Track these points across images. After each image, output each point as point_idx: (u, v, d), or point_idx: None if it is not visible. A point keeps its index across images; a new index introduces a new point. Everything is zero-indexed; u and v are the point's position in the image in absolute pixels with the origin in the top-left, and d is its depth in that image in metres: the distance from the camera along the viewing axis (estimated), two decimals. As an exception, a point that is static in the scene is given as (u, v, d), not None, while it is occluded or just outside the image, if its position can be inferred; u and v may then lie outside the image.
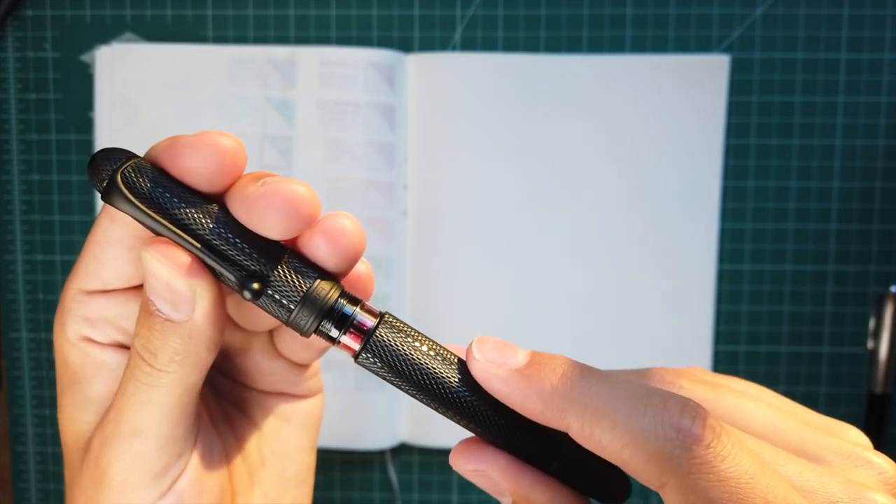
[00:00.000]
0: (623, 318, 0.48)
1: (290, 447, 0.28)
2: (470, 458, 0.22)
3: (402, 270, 0.48)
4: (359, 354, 0.22)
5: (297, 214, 0.21)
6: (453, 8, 0.47)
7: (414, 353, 0.21)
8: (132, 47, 0.48)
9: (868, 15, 0.46)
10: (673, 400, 0.19)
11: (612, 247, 0.48)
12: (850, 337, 0.48)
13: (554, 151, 0.47)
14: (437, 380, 0.21)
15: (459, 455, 0.22)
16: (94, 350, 0.23)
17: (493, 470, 0.21)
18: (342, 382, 0.48)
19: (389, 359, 0.21)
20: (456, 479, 0.50)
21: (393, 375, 0.21)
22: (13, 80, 0.49)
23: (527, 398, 0.20)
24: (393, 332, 0.21)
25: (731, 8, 0.47)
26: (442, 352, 0.22)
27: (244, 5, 0.48)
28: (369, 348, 0.21)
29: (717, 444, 0.18)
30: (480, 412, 0.21)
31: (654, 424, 0.18)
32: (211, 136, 0.22)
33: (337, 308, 0.21)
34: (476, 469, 0.22)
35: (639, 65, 0.47)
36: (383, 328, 0.21)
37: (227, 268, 0.21)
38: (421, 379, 0.21)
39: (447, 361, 0.21)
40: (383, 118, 0.47)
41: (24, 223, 0.49)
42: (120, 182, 0.20)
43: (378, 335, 0.21)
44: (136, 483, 0.23)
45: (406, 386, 0.22)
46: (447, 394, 0.21)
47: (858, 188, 0.47)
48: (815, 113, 0.47)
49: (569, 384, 0.20)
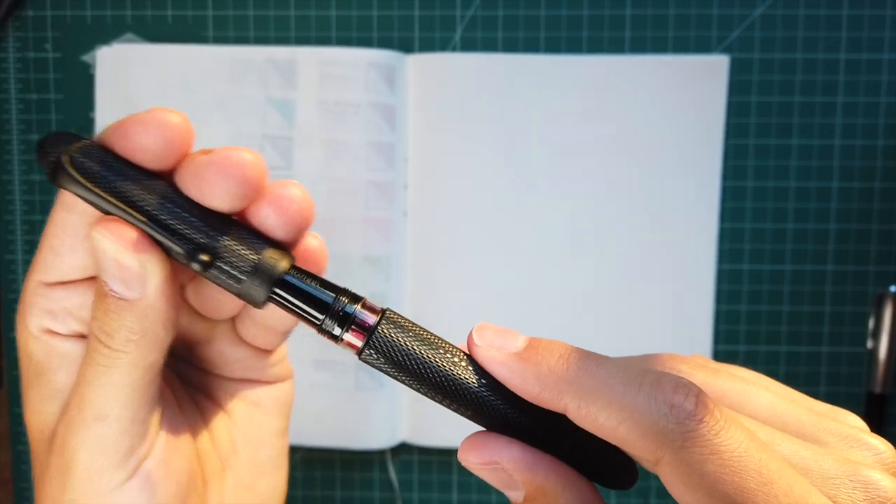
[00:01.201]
0: (623, 317, 0.48)
1: (261, 432, 0.28)
2: (483, 450, 0.21)
3: (401, 270, 0.48)
4: (362, 351, 0.22)
5: (244, 180, 0.22)
6: (453, 8, 0.47)
7: (416, 348, 0.21)
8: (133, 48, 0.48)
9: (867, 15, 0.46)
10: (667, 378, 0.19)
11: (612, 246, 0.48)
12: (849, 336, 0.48)
13: (554, 152, 0.47)
14: (442, 373, 0.21)
15: (470, 448, 0.21)
16: (56, 342, 0.23)
17: (508, 461, 0.21)
18: (342, 382, 0.48)
19: (392, 354, 0.21)
20: (456, 478, 0.50)
21: (397, 371, 0.22)
22: (14, 81, 0.49)
23: (525, 380, 0.20)
24: (395, 328, 0.22)
25: (731, 8, 0.47)
26: (444, 345, 0.22)
27: (244, 6, 0.48)
28: (372, 345, 0.21)
29: (710, 418, 0.19)
30: (487, 401, 0.21)
31: (648, 401, 0.19)
32: (159, 112, 0.23)
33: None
34: (489, 462, 0.21)
35: (638, 65, 0.47)
36: (385, 324, 0.22)
37: (175, 241, 0.21)
38: (425, 373, 0.21)
39: (450, 354, 0.22)
40: (383, 118, 0.47)
41: (25, 223, 0.49)
42: (67, 163, 0.21)
43: (380, 331, 0.21)
44: (102, 467, 0.23)
45: (410, 380, 0.22)
46: (452, 386, 0.21)
47: (857, 188, 0.48)
48: (814, 113, 0.47)
49: (565, 365, 0.20)
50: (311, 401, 0.48)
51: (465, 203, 0.48)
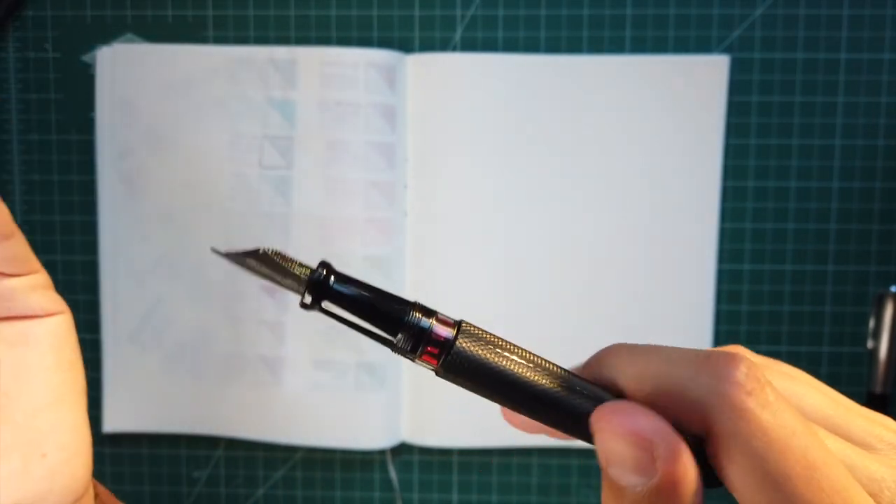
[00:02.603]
0: (623, 317, 0.48)
1: (30, 369, 0.27)
2: (635, 417, 0.19)
3: (402, 270, 0.48)
4: (439, 368, 0.21)
5: None
6: (453, 8, 0.47)
7: (496, 361, 0.21)
8: (133, 48, 0.48)
9: (868, 15, 0.46)
10: (717, 352, 0.19)
11: (613, 246, 0.48)
12: (849, 336, 0.48)
13: (554, 152, 0.47)
14: (524, 385, 0.21)
15: (617, 412, 0.19)
16: None
17: (661, 437, 0.19)
18: (342, 382, 0.48)
19: (470, 369, 0.21)
20: (456, 478, 0.50)
21: (476, 385, 0.21)
22: (14, 81, 0.49)
23: None
24: (472, 341, 0.21)
25: (731, 8, 0.47)
26: (526, 355, 0.21)
27: (245, 6, 0.48)
28: (450, 361, 0.21)
29: (760, 393, 0.18)
30: (575, 411, 0.20)
31: (699, 371, 0.19)
32: None
33: (412, 322, 0.21)
34: (635, 431, 0.19)
35: (639, 65, 0.47)
36: (462, 338, 0.21)
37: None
38: (506, 387, 0.21)
39: (532, 365, 0.21)
40: (384, 118, 0.47)
41: (25, 223, 0.49)
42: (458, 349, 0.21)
43: (458, 346, 0.21)
44: None
45: (491, 394, 0.21)
46: (536, 399, 0.21)
47: (858, 188, 0.47)
48: (814, 113, 0.47)
49: None
50: (311, 401, 0.48)
51: (465, 203, 0.48)
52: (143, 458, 0.51)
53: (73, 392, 0.29)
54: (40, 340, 0.28)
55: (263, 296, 0.48)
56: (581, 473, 0.50)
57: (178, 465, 0.51)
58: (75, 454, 0.28)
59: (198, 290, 0.48)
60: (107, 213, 0.48)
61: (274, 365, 0.48)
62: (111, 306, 0.49)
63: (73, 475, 0.28)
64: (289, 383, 0.48)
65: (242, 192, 0.48)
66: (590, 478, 0.50)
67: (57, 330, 0.28)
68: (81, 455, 0.28)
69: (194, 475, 0.51)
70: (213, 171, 0.48)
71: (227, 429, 0.49)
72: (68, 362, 0.28)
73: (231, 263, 0.22)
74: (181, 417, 0.49)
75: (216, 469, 0.51)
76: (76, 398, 0.29)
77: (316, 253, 0.48)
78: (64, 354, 0.28)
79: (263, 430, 0.49)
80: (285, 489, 0.51)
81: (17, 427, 0.27)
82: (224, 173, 0.48)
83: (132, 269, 0.49)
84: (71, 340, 0.29)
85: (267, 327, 0.48)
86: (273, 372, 0.48)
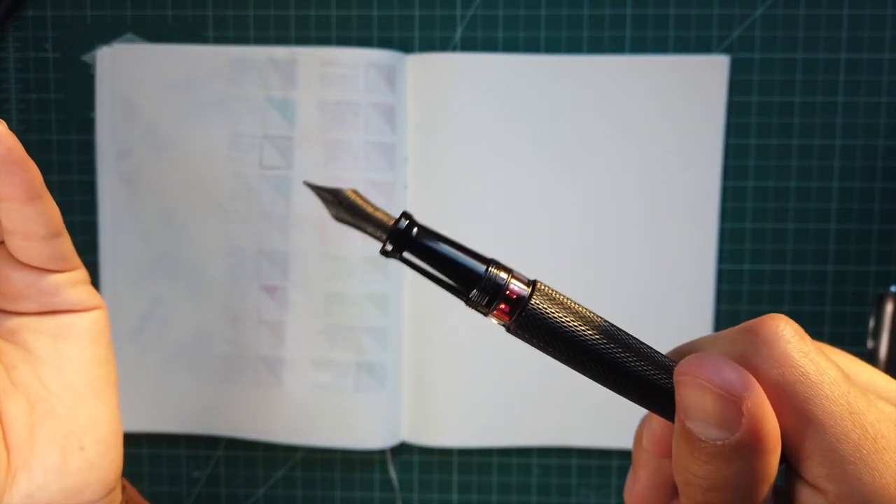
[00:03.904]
0: (623, 317, 0.47)
1: (72, 363, 0.28)
2: (723, 369, 0.19)
3: (401, 270, 0.48)
4: (511, 325, 0.21)
5: None
6: (453, 8, 0.47)
7: (567, 321, 0.21)
8: (133, 48, 0.48)
9: (868, 15, 0.46)
10: (758, 318, 0.20)
11: (613, 246, 0.48)
12: (849, 337, 0.48)
13: (554, 152, 0.47)
14: (594, 350, 0.21)
15: (704, 364, 0.19)
16: None
17: (750, 392, 0.18)
18: (342, 382, 0.48)
19: (541, 328, 0.21)
20: (456, 478, 0.50)
21: (545, 345, 0.21)
22: (14, 81, 0.49)
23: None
24: (546, 301, 0.21)
25: (731, 8, 0.47)
26: (597, 319, 0.22)
27: (245, 6, 0.48)
28: (522, 319, 0.21)
29: (800, 343, 0.19)
30: (641, 378, 0.21)
31: (742, 335, 0.20)
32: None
33: (490, 276, 0.21)
34: (725, 384, 0.18)
35: (639, 65, 0.47)
36: (537, 297, 0.21)
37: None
38: (576, 348, 0.21)
39: (602, 328, 0.21)
40: (383, 118, 0.47)
41: (25, 223, 0.49)
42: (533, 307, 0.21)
43: (532, 305, 0.21)
44: None
45: (560, 355, 0.21)
46: (603, 363, 0.21)
47: (858, 188, 0.47)
48: (814, 113, 0.47)
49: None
50: (311, 401, 0.48)
51: (465, 203, 0.48)
52: (143, 458, 0.51)
53: (108, 385, 0.29)
54: (81, 334, 0.28)
55: (263, 296, 0.48)
56: (581, 473, 0.50)
57: (178, 465, 0.51)
58: (111, 447, 0.29)
59: (198, 290, 0.48)
60: (107, 213, 0.48)
61: (274, 365, 0.48)
62: (111, 306, 0.49)
63: (109, 468, 0.28)
64: (289, 383, 0.48)
65: (242, 192, 0.48)
66: (590, 478, 0.50)
67: (95, 324, 0.29)
68: (116, 448, 0.29)
69: (194, 475, 0.51)
70: (213, 171, 0.48)
71: (227, 429, 0.49)
72: (105, 356, 0.29)
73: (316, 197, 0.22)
74: (181, 417, 0.49)
75: (216, 469, 0.51)
76: (111, 392, 0.29)
77: (316, 253, 0.48)
78: (101, 348, 0.29)
79: (263, 430, 0.49)
80: (285, 489, 0.51)
81: (58, 420, 0.28)
82: (224, 173, 0.48)
83: (132, 269, 0.49)
84: (107, 334, 0.29)
85: (267, 327, 0.48)
86: (273, 372, 0.48)
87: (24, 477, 0.27)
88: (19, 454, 0.27)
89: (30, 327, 0.28)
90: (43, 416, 0.27)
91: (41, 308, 0.28)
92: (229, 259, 0.48)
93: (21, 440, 0.27)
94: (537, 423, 0.49)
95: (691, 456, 0.19)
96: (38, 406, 0.27)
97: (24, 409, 0.27)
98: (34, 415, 0.27)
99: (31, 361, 0.28)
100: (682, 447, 0.19)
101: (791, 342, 0.19)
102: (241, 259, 0.48)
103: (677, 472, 0.19)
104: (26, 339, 0.28)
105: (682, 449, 0.19)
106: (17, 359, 0.28)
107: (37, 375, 0.28)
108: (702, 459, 0.18)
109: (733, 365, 0.19)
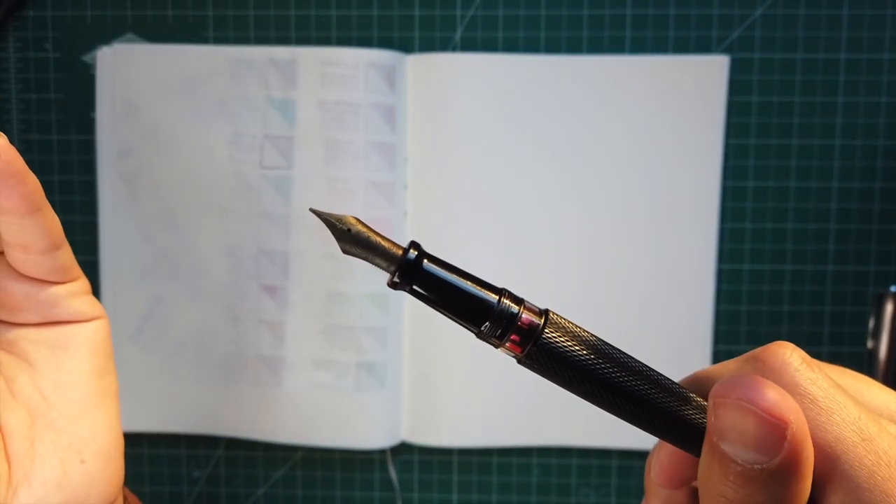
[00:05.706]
0: (623, 317, 0.48)
1: (72, 375, 0.28)
2: (764, 391, 0.18)
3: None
4: (522, 357, 0.21)
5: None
6: (453, 8, 0.47)
7: (580, 353, 0.21)
8: (133, 48, 0.48)
9: (868, 15, 0.46)
10: (764, 346, 0.20)
11: (613, 247, 0.48)
12: (849, 336, 0.48)
13: (553, 151, 0.47)
14: (609, 383, 0.20)
15: (747, 385, 0.18)
16: None
17: (794, 414, 0.18)
18: (342, 382, 0.48)
19: (554, 360, 0.21)
20: (456, 478, 0.50)
21: (557, 377, 0.21)
22: (14, 81, 0.49)
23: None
24: (558, 332, 0.21)
25: (731, 8, 0.47)
26: (612, 351, 0.21)
27: (245, 6, 0.48)
28: (534, 351, 0.21)
29: (808, 370, 0.19)
30: (658, 411, 0.20)
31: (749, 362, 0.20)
32: None
33: (501, 309, 0.20)
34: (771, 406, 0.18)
35: (639, 65, 0.47)
36: (549, 329, 0.21)
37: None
38: (588, 381, 0.21)
39: (615, 360, 0.21)
40: (383, 118, 0.47)
41: (25, 223, 0.49)
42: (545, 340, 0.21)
43: (544, 337, 0.21)
44: None
45: (573, 387, 0.21)
46: (619, 397, 0.20)
47: (857, 188, 0.47)
48: (814, 113, 0.47)
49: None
50: (312, 401, 0.48)
51: (465, 203, 0.48)
52: (143, 458, 0.51)
53: (109, 397, 0.29)
54: (80, 345, 0.28)
55: (263, 296, 0.48)
56: (581, 473, 0.50)
57: (178, 464, 0.51)
58: (112, 459, 0.28)
59: (198, 290, 0.48)
60: (107, 213, 0.48)
61: (274, 365, 0.48)
62: (111, 306, 0.49)
63: (110, 481, 0.28)
64: (289, 383, 0.48)
65: (242, 192, 0.48)
66: (590, 478, 0.50)
67: (95, 335, 0.28)
68: (117, 460, 0.29)
69: (194, 475, 0.51)
70: (213, 171, 0.48)
71: (227, 429, 0.49)
72: (105, 367, 0.29)
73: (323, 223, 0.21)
74: (181, 417, 0.49)
75: (216, 469, 0.51)
76: (112, 403, 0.29)
77: (316, 253, 0.48)
78: (101, 359, 0.29)
79: (263, 430, 0.49)
80: (285, 489, 0.51)
81: (58, 433, 0.27)
82: (224, 173, 0.48)
83: (132, 269, 0.49)
84: (107, 345, 0.29)
85: (267, 327, 0.48)
86: (273, 372, 0.48)
87: (25, 491, 0.26)
88: (20, 467, 0.26)
89: (29, 338, 0.28)
90: (43, 429, 0.27)
91: (41, 319, 0.27)
92: (229, 259, 0.48)
93: (22, 453, 0.27)
94: (537, 423, 0.49)
95: (724, 479, 0.18)
96: (38, 418, 0.27)
97: (25, 421, 0.27)
98: (34, 427, 0.27)
99: (30, 373, 0.27)
100: (715, 470, 0.19)
101: (799, 370, 0.19)
102: (241, 259, 0.48)
103: (705, 496, 0.19)
104: (26, 350, 0.28)
105: (713, 471, 0.19)
106: (16, 370, 0.27)
107: (37, 387, 0.27)
108: (737, 483, 0.18)
109: (776, 387, 0.18)
